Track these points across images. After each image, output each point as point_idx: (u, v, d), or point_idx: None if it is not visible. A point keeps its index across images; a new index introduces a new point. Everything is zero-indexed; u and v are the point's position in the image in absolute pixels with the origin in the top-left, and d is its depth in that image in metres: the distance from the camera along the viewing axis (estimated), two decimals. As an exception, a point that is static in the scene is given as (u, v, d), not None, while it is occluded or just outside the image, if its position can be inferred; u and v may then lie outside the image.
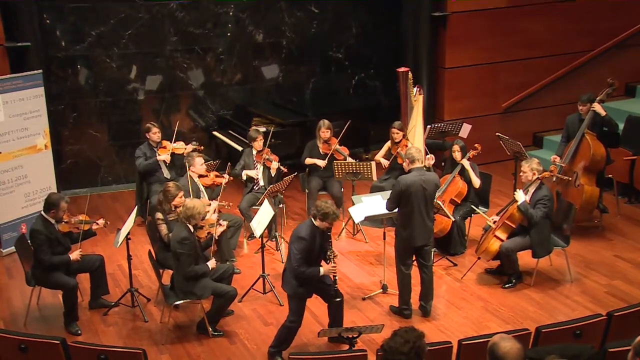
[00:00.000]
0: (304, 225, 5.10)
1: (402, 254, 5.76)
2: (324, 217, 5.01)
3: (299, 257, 4.98)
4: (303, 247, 4.98)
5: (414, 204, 5.56)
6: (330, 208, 4.98)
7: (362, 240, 7.46)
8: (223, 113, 9.26)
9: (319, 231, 5.03)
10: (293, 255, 4.99)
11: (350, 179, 7.28)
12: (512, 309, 6.03)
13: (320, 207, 4.99)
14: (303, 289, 5.14)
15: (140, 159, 7.47)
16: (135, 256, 6.65)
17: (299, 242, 4.99)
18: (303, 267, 4.98)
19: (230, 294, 5.61)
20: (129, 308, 6.16)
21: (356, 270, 6.86)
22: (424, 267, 5.81)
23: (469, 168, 6.93)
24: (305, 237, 4.98)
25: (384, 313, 5.98)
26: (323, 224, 5.03)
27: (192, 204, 5.49)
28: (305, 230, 5.00)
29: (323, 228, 5.05)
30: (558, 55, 9.30)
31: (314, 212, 4.99)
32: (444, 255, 6.86)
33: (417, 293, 5.95)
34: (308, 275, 5.06)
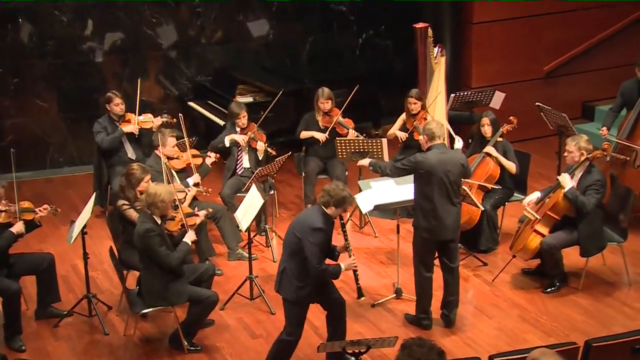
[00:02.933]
0: (314, 214, 5.09)
1: (421, 252, 5.75)
2: (339, 203, 5.03)
3: (318, 254, 4.98)
4: (322, 241, 4.99)
5: (434, 189, 5.54)
6: (345, 191, 5.03)
7: (370, 234, 7.47)
8: (200, 79, 9.24)
9: (330, 220, 5.07)
10: (310, 252, 4.98)
11: (356, 159, 7.24)
12: (556, 319, 6.04)
13: (333, 191, 5.02)
14: (306, 293, 5.13)
15: (102, 134, 7.42)
16: (93, 254, 6.64)
17: (315, 234, 4.98)
18: (323, 264, 5.01)
19: (210, 300, 5.61)
20: (86, 318, 6.15)
21: (364, 271, 6.83)
22: (448, 268, 5.80)
23: (496, 154, 6.91)
24: (323, 227, 4.99)
25: (398, 323, 6.01)
26: (337, 211, 5.06)
27: (153, 190, 5.48)
28: (320, 220, 5.01)
29: (336, 216, 5.07)
30: (613, 7, 9.22)
31: (326, 198, 5.02)
32: (471, 253, 6.86)
33: (439, 299, 5.96)
34: (330, 274, 5.08)
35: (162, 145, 6.70)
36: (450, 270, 5.81)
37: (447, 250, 5.74)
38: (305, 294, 5.14)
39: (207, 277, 5.85)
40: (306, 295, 5.15)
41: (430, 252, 5.77)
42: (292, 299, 5.17)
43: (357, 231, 7.56)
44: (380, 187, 6.21)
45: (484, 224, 6.88)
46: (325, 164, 7.71)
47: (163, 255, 5.40)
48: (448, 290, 5.85)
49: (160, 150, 6.70)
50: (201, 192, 6.59)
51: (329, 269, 5.10)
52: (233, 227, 6.92)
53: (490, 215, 6.90)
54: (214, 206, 6.87)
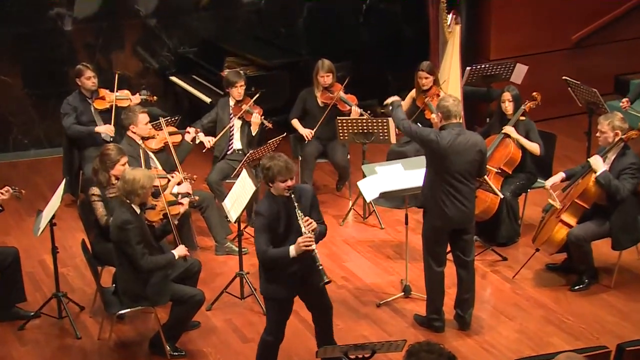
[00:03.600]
0: (263, 199, 5.13)
1: (432, 243, 5.76)
2: (273, 176, 4.94)
3: (258, 238, 4.99)
4: (260, 225, 4.99)
5: (447, 172, 5.53)
6: (273, 160, 4.92)
7: (376, 225, 7.45)
8: (184, 51, 9.21)
9: (280, 201, 5.00)
10: (255, 238, 5.05)
11: (360, 141, 7.26)
12: (584, 320, 6.03)
13: (263, 164, 4.95)
14: (275, 288, 5.11)
15: (70, 118, 7.41)
16: (63, 249, 6.63)
17: (256, 219, 5.03)
18: (265, 249, 4.97)
19: (195, 300, 5.62)
20: (55, 320, 6.13)
21: (368, 267, 6.84)
22: (462, 262, 5.80)
23: (517, 136, 6.90)
24: (261, 212, 4.99)
25: (407, 324, 6.02)
26: (278, 185, 4.97)
27: (131, 176, 5.48)
28: (263, 203, 5.04)
29: (282, 192, 4.99)
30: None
31: (261, 176, 4.98)
32: (489, 246, 6.85)
33: (453, 298, 5.96)
34: (272, 256, 4.99)
35: (134, 125, 6.68)
36: (464, 265, 5.79)
37: (461, 242, 5.73)
38: (272, 288, 5.12)
39: (192, 273, 5.84)
40: (275, 290, 5.12)
41: (442, 243, 5.75)
42: (262, 291, 5.21)
43: (361, 222, 7.53)
44: (387, 172, 6.21)
45: (504, 213, 6.87)
46: (325, 146, 7.69)
47: (138, 253, 5.40)
48: (462, 287, 5.84)
49: (132, 131, 6.75)
50: (185, 178, 6.58)
51: (272, 254, 4.98)
52: (221, 217, 6.92)
53: (511, 204, 6.90)
54: (199, 194, 6.86)
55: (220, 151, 7.40)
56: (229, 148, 7.40)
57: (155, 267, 5.48)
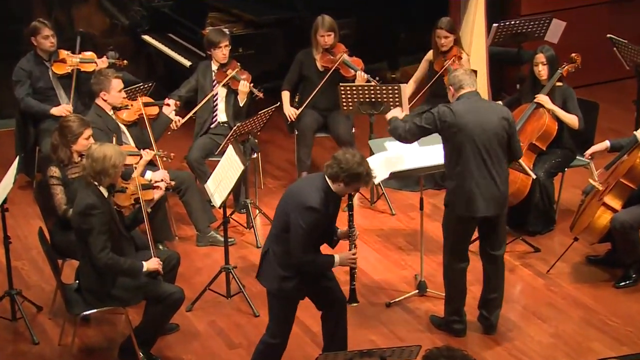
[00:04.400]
0: (312, 186, 5.11)
1: (454, 235, 5.77)
2: (351, 181, 5.04)
3: (305, 238, 5.03)
4: (313, 223, 5.01)
5: (468, 152, 5.55)
6: (362, 166, 5.02)
7: (385, 211, 7.48)
8: (159, 4, 9.21)
9: (333, 199, 5.09)
10: (295, 235, 5.04)
11: (366, 112, 7.25)
12: (631, 322, 6.04)
13: (346, 163, 5.00)
14: (293, 287, 5.16)
15: (23, 87, 7.38)
16: (16, 239, 6.65)
17: (306, 215, 5.01)
18: (310, 253, 5.07)
19: (173, 298, 5.63)
20: (8, 322, 6.15)
21: (376, 260, 6.85)
22: (489, 256, 5.81)
23: (552, 106, 6.89)
24: (317, 207, 5.01)
25: (421, 327, 6.06)
26: (346, 189, 5.08)
27: (101, 153, 5.47)
28: (315, 197, 5.02)
29: (344, 195, 5.12)
30: None
31: (335, 170, 5.01)
32: (518, 236, 6.88)
33: (476, 296, 6.00)
34: (317, 265, 5.14)
35: (105, 91, 6.69)
36: (492, 259, 5.80)
37: (491, 233, 5.74)
38: (291, 287, 5.17)
39: (170, 268, 5.86)
40: (292, 289, 5.18)
41: (467, 236, 5.78)
42: (274, 291, 5.21)
43: (368, 207, 7.56)
44: (399, 148, 6.19)
45: (536, 196, 6.88)
46: (326, 118, 7.69)
47: (98, 245, 5.40)
48: (489, 285, 5.87)
49: (102, 99, 6.73)
50: (160, 155, 6.57)
51: (317, 261, 5.13)
52: (203, 202, 6.93)
53: (545, 186, 6.91)
54: (178, 174, 6.86)
55: (201, 124, 7.39)
56: (213, 120, 7.39)
57: (114, 269, 5.47)
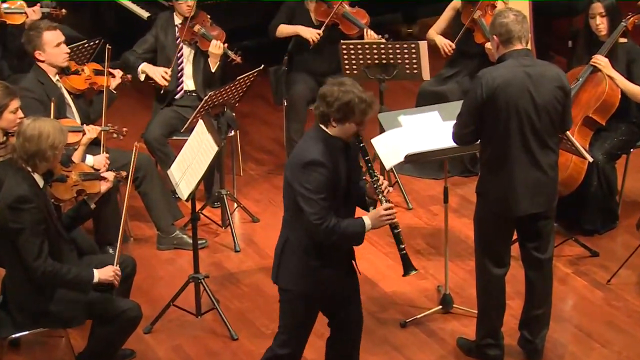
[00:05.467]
0: (306, 140, 5.20)
1: (489, 236, 5.78)
2: (344, 114, 5.08)
3: (317, 202, 5.06)
4: (318, 180, 5.06)
5: (511, 128, 5.51)
6: (350, 92, 5.06)
7: (400, 205, 7.51)
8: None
9: (339, 145, 5.14)
10: (305, 202, 5.07)
11: (375, 77, 7.26)
12: None
13: (330, 94, 5.08)
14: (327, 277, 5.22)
15: None
16: None
17: (308, 172, 5.06)
18: (331, 219, 5.08)
19: (126, 317, 5.65)
20: None
21: (388, 267, 6.86)
22: (534, 261, 5.82)
23: (612, 73, 6.85)
24: (317, 158, 5.06)
25: (446, 353, 6.10)
26: (346, 127, 5.11)
27: (36, 130, 5.46)
28: (313, 149, 5.09)
29: (348, 137, 5.15)
30: None
31: (321, 109, 5.10)
32: (571, 236, 6.92)
33: (517, 313, 6.02)
34: (344, 233, 5.14)
35: (39, 50, 6.72)
36: (537, 265, 5.80)
37: (536, 231, 5.73)
38: (325, 277, 5.20)
39: (123, 277, 5.83)
40: (326, 279, 5.21)
41: (505, 235, 5.78)
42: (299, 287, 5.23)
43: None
44: (416, 123, 6.20)
45: (594, 185, 6.90)
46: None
47: (33, 251, 5.39)
48: (533, 298, 5.87)
49: (39, 60, 6.74)
50: (107, 131, 6.56)
51: (344, 226, 5.11)
52: (166, 193, 6.96)
53: (604, 171, 6.92)
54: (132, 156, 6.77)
55: (168, 94, 7.42)
56: (177, 89, 7.42)
57: (55, 280, 5.47)
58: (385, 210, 5.16)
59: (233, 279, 6.64)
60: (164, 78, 7.29)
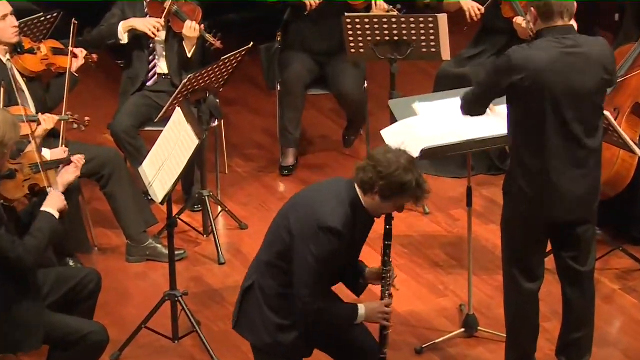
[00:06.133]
0: (331, 195, 5.18)
1: (519, 243, 5.79)
2: (392, 192, 5.10)
3: (317, 275, 5.09)
4: (330, 252, 5.06)
5: (547, 117, 5.51)
6: (410, 171, 5.08)
7: (416, 209, 7.49)
8: None
9: (363, 218, 5.16)
10: (302, 268, 5.09)
11: (384, 57, 7.25)
12: None
13: (387, 164, 5.06)
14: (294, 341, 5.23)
15: None
16: None
17: (320, 238, 5.06)
18: (323, 300, 5.13)
19: (90, 341, 5.66)
20: None
21: (401, 283, 6.66)
22: (572, 275, 5.82)
23: None
24: (338, 228, 5.05)
25: None
26: (383, 205, 5.14)
27: None
28: (337, 213, 5.08)
29: (379, 215, 5.22)
30: None
31: (369, 175, 5.06)
32: (617, 245, 7.00)
33: (553, 337, 6.04)
34: (332, 318, 5.21)
35: None
36: (577, 280, 5.79)
37: (571, 239, 5.73)
38: (291, 340, 5.21)
39: (86, 294, 5.92)
40: (293, 343, 5.21)
41: (537, 242, 5.77)
42: (265, 347, 5.25)
43: None
44: (434, 111, 6.21)
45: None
46: (324, 66, 7.78)
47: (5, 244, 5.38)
48: (572, 319, 5.87)
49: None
50: (67, 121, 6.52)
51: (332, 311, 5.17)
52: (136, 195, 6.98)
53: (658, 169, 6.88)
54: (97, 151, 6.86)
55: (132, 77, 7.45)
56: (149, 74, 7.44)
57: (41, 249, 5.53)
58: (387, 306, 5.22)
59: (217, 296, 6.59)
60: (155, 28, 7.26)
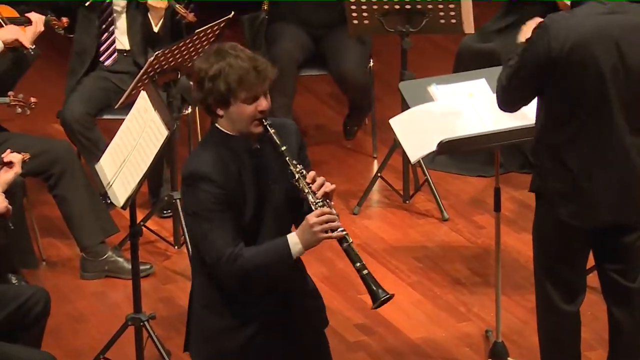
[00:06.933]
0: (198, 146, 5.51)
1: (551, 252, 5.85)
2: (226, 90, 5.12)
3: (211, 233, 5.14)
4: (208, 200, 5.13)
5: (589, 100, 5.54)
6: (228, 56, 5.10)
7: (432, 213, 7.64)
8: None
9: (240, 149, 5.24)
10: (193, 230, 5.27)
11: (395, 30, 7.28)
12: None
13: (202, 69, 5.12)
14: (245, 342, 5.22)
15: None
16: None
17: (191, 190, 5.18)
18: (233, 255, 5.11)
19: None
20: None
21: (415, 303, 6.88)
22: (620, 293, 5.84)
23: None
24: (204, 172, 5.15)
25: None
26: (241, 110, 5.16)
27: None
28: (202, 156, 5.23)
29: (246, 128, 5.20)
30: None
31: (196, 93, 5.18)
32: None
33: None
34: (254, 264, 5.16)
35: None
36: (624, 298, 5.81)
37: (617, 249, 5.75)
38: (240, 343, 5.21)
39: (32, 318, 5.99)
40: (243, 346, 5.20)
41: (576, 253, 5.81)
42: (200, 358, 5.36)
43: (399, 206, 7.69)
44: (454, 95, 6.23)
45: None
46: (319, 41, 7.85)
47: None
48: (620, 345, 5.89)
49: None
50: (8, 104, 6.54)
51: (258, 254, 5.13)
52: (93, 198, 6.98)
53: None
54: (46, 146, 6.89)
55: (80, 52, 7.48)
56: (104, 49, 7.48)
57: None
58: (319, 216, 5.10)
59: (186, 317, 6.59)
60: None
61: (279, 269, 5.13)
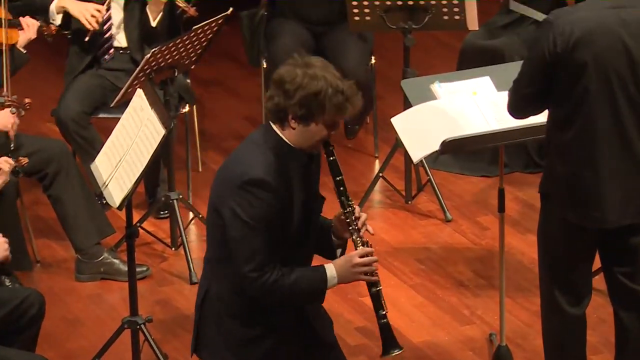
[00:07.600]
0: (247, 147, 5.26)
1: (557, 254, 5.82)
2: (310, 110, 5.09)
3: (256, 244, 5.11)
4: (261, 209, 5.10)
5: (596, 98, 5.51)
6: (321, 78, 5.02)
7: (434, 214, 7.63)
8: None
9: (299, 160, 5.21)
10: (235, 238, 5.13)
11: (397, 27, 7.26)
12: None
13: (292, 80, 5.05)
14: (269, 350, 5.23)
15: None
16: None
17: (246, 196, 5.10)
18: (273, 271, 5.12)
19: None
20: None
21: (417, 306, 6.87)
22: (625, 295, 5.82)
23: None
24: (264, 178, 5.10)
25: None
26: (314, 130, 5.14)
27: None
28: (258, 161, 5.14)
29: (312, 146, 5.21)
30: None
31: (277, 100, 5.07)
32: None
33: None
34: (294, 289, 5.18)
35: None
36: (632, 302, 5.80)
37: (625, 250, 5.74)
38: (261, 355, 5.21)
39: (27, 320, 5.96)
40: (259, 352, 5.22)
41: (583, 255, 5.79)
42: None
43: (401, 207, 7.68)
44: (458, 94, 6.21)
45: None
46: (319, 37, 7.84)
47: None
48: (627, 350, 5.88)
49: None
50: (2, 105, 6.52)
51: (294, 278, 5.14)
52: (88, 198, 6.96)
53: None
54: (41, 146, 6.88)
55: (81, 52, 7.44)
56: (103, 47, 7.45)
57: None
58: (362, 257, 5.12)
59: (187, 323, 6.51)
60: (93, 19, 7.24)
61: (311, 300, 5.18)
